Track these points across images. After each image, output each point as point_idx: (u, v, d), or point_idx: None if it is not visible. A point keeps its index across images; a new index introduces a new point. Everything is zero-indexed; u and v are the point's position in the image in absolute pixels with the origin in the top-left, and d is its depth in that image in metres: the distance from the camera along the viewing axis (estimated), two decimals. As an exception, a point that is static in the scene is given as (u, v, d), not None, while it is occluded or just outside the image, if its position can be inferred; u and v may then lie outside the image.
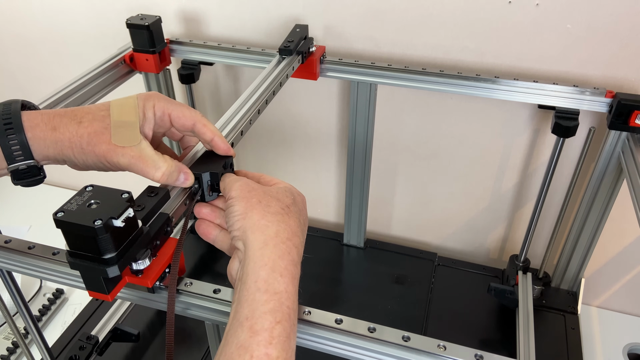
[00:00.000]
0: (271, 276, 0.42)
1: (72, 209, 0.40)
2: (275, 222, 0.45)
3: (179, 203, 0.51)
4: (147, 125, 0.50)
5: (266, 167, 1.20)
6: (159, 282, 0.48)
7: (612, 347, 0.97)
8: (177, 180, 0.50)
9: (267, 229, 0.44)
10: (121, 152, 0.47)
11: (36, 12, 1.11)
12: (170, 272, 0.47)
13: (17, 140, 0.46)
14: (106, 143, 0.47)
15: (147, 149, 0.49)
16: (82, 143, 0.47)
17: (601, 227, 0.92)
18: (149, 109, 0.50)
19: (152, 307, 0.51)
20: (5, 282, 0.62)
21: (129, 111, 0.49)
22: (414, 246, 1.16)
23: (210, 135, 0.53)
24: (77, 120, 0.47)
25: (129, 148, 0.47)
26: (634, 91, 0.83)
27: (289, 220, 0.46)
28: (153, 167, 0.48)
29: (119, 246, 0.40)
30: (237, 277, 0.45)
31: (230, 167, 0.55)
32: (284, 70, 0.81)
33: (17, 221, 1.25)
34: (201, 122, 0.52)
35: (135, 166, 0.48)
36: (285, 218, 0.46)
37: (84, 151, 0.47)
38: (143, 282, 0.45)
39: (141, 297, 0.51)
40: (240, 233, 0.45)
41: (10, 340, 0.97)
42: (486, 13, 0.84)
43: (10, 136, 0.46)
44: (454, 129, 0.98)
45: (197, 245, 1.16)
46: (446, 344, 0.45)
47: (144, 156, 0.48)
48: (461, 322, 0.99)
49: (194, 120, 0.52)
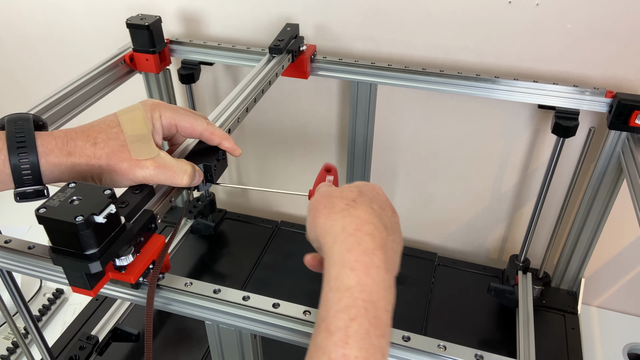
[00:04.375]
0: (341, 272, 0.39)
1: (54, 205, 0.40)
2: (341, 218, 0.43)
3: (164, 200, 0.51)
4: (157, 135, 0.51)
5: (266, 167, 1.20)
6: (142, 278, 0.48)
7: (612, 347, 0.97)
8: (194, 180, 0.52)
9: (333, 228, 0.43)
10: (144, 165, 0.48)
11: (36, 12, 1.11)
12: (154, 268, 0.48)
13: (29, 163, 0.45)
14: (127, 160, 0.47)
15: (167, 157, 0.50)
16: (101, 164, 0.47)
17: (601, 227, 0.92)
18: (156, 119, 0.51)
19: (136, 303, 0.51)
20: (5, 282, 0.62)
21: (140, 125, 0.50)
22: (414, 246, 1.16)
23: (218, 140, 0.55)
24: (92, 142, 0.47)
25: (150, 160, 0.48)
26: (634, 91, 0.83)
27: (357, 212, 0.44)
28: (181, 173, 0.50)
29: (101, 242, 0.41)
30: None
31: (223, 158, 0.57)
32: (274, 68, 0.81)
33: (17, 221, 1.26)
34: (208, 130, 0.54)
35: (161, 175, 0.49)
36: (352, 211, 0.43)
37: (104, 171, 0.47)
38: (126, 278, 0.45)
39: (125, 293, 0.51)
40: (316, 242, 0.45)
41: (10, 340, 0.97)
42: (486, 13, 0.84)
43: (23, 157, 0.45)
44: (454, 129, 0.98)
45: (197, 245, 1.16)
46: (446, 344, 0.45)
47: (167, 165, 0.49)
48: (461, 322, 0.99)
49: (201, 130, 0.54)
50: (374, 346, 0.36)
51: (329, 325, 0.37)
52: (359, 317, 0.37)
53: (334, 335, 0.36)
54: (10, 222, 1.26)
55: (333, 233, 0.42)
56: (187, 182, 0.50)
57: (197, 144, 0.57)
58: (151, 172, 0.48)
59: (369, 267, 0.40)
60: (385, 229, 0.43)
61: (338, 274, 0.39)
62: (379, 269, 0.40)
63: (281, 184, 1.21)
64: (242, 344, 0.52)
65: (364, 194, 0.46)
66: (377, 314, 0.38)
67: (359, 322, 0.37)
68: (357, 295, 0.38)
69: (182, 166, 0.50)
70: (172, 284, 0.50)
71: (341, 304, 0.38)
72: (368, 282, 0.39)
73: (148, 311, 0.46)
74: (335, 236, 0.42)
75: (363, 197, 0.45)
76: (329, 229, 0.43)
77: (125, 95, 0.84)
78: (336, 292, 0.39)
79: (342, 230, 0.42)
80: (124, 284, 0.48)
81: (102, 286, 0.45)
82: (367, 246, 0.41)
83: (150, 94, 1.04)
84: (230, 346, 0.53)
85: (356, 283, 0.39)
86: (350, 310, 0.37)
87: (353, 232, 0.42)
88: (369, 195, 0.46)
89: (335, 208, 0.44)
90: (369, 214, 0.43)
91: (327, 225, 0.43)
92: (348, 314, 0.37)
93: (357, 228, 0.42)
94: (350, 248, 0.41)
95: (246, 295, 0.49)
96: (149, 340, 0.46)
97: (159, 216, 0.50)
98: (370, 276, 0.39)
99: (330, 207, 0.44)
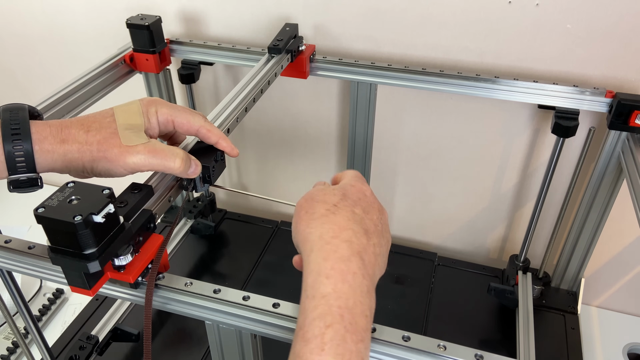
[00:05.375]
0: (317, 280, 0.40)
1: (53, 204, 0.40)
2: (319, 225, 0.43)
3: (163, 199, 0.51)
4: (152, 131, 0.51)
5: (266, 167, 1.20)
6: (141, 278, 0.48)
7: (612, 347, 0.97)
8: (190, 169, 0.51)
9: (311, 236, 0.43)
10: (134, 151, 0.48)
11: (36, 12, 1.11)
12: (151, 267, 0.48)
13: (23, 151, 0.45)
14: (117, 146, 0.47)
15: (157, 143, 0.49)
16: (92, 150, 0.47)
17: (601, 227, 0.92)
18: (152, 115, 0.51)
19: (135, 302, 0.51)
20: (5, 282, 0.62)
21: (134, 116, 0.50)
22: (414, 246, 1.16)
23: (215, 138, 0.55)
24: (85, 129, 0.48)
25: (141, 145, 0.48)
26: (634, 91, 0.83)
27: (336, 218, 0.43)
28: (172, 157, 0.49)
29: (100, 242, 0.41)
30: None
31: (221, 159, 0.56)
32: (273, 68, 0.81)
33: (17, 221, 1.26)
34: (205, 127, 0.53)
35: (152, 160, 0.48)
36: (331, 217, 0.43)
37: (95, 158, 0.47)
38: (125, 277, 0.45)
39: (124, 293, 0.51)
40: (298, 247, 0.45)
41: (10, 340, 0.97)
42: (486, 13, 0.84)
43: (17, 145, 0.45)
44: (454, 129, 0.98)
45: (197, 245, 1.16)
46: (446, 344, 0.45)
47: (158, 149, 0.49)
48: (461, 322, 0.99)
49: (197, 127, 0.53)
50: (351, 351, 0.37)
51: (305, 333, 0.37)
52: (335, 323, 0.37)
53: (310, 343, 0.36)
54: (10, 222, 1.27)
55: (310, 241, 0.43)
56: (180, 165, 0.50)
57: (196, 143, 0.57)
58: (142, 157, 0.48)
59: (345, 274, 0.40)
60: (365, 234, 0.43)
61: (314, 282, 0.40)
62: (356, 275, 0.40)
63: (281, 184, 1.21)
64: (242, 344, 0.52)
65: (347, 197, 0.46)
66: (353, 319, 0.38)
67: (335, 329, 0.37)
68: (333, 302, 0.38)
69: (173, 150, 0.50)
70: (172, 284, 0.50)
71: (316, 312, 0.38)
72: (344, 288, 0.39)
73: (147, 310, 0.46)
74: (312, 244, 0.42)
75: (345, 201, 0.45)
76: (307, 237, 0.43)
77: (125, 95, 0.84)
78: (312, 300, 0.39)
79: (319, 239, 0.42)
80: (123, 283, 0.48)
81: (100, 286, 0.45)
82: (344, 253, 0.41)
83: (150, 94, 1.04)
84: (230, 346, 0.53)
85: (332, 290, 0.39)
86: (325, 317, 0.37)
87: (330, 239, 0.42)
88: (352, 199, 0.46)
89: (315, 214, 0.44)
90: (348, 220, 0.44)
91: (305, 232, 0.43)
92: (324, 321, 0.37)
93: (334, 235, 0.42)
94: (327, 256, 0.41)
95: (246, 295, 0.49)
96: (147, 339, 0.46)
97: (158, 216, 0.50)
98: (347, 282, 0.39)
99: (311, 212, 0.44)
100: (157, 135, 0.52)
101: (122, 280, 0.46)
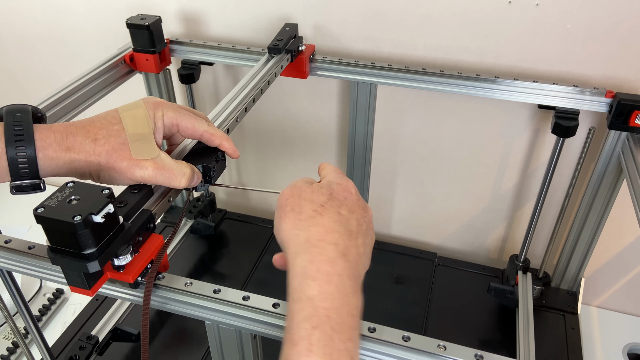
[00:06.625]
0: (302, 283, 0.40)
1: (53, 204, 0.40)
2: (306, 227, 0.43)
3: (163, 200, 0.51)
4: (158, 134, 0.51)
5: (266, 167, 1.20)
6: (140, 278, 0.48)
7: (612, 347, 0.97)
8: (192, 182, 0.51)
9: (297, 238, 0.43)
10: (143, 166, 0.48)
11: (36, 11, 1.11)
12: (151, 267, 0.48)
13: (27, 157, 0.45)
14: (127, 159, 0.47)
15: (166, 159, 0.49)
16: (100, 161, 0.47)
17: (601, 227, 0.92)
18: (158, 118, 0.51)
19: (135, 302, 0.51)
20: (5, 282, 0.62)
21: (142, 123, 0.49)
22: (414, 246, 1.16)
23: (218, 141, 0.55)
24: (92, 138, 0.47)
25: (150, 161, 0.48)
26: (634, 91, 0.83)
27: (322, 220, 0.44)
28: (179, 176, 0.50)
29: (100, 242, 0.41)
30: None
31: (222, 159, 0.57)
32: (273, 68, 0.81)
33: (17, 221, 1.26)
34: (208, 132, 0.54)
35: (160, 176, 0.48)
36: (318, 219, 0.44)
37: (102, 168, 0.47)
38: (124, 277, 0.45)
39: (124, 292, 0.51)
40: (281, 245, 0.45)
41: (10, 340, 0.97)
42: (486, 13, 0.84)
43: (20, 151, 0.45)
44: (454, 129, 0.98)
45: (197, 245, 1.16)
46: (446, 344, 0.45)
47: (167, 166, 0.49)
48: (461, 322, 0.99)
49: (201, 132, 0.53)
50: (339, 351, 0.37)
51: (292, 335, 0.37)
52: (321, 324, 0.37)
53: (297, 345, 0.37)
54: (10, 222, 1.27)
55: (296, 244, 0.43)
56: (185, 184, 0.50)
57: (197, 143, 0.57)
58: (150, 173, 0.48)
59: (331, 276, 0.40)
60: (349, 235, 0.44)
61: (300, 285, 0.40)
62: (341, 277, 0.40)
63: (281, 184, 1.21)
64: (242, 344, 0.52)
65: (334, 197, 0.46)
66: (341, 319, 0.38)
67: (322, 330, 0.37)
68: (319, 304, 0.38)
69: (182, 169, 0.50)
70: (172, 284, 0.50)
71: (303, 314, 0.38)
72: (330, 290, 0.39)
73: (145, 310, 0.46)
74: (298, 247, 0.42)
75: (332, 202, 0.45)
76: (293, 239, 0.43)
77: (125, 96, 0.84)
78: (298, 302, 0.39)
79: (306, 242, 0.42)
80: (123, 283, 0.48)
81: (100, 286, 0.45)
82: (329, 255, 0.41)
83: (150, 94, 1.04)
84: (230, 346, 0.53)
85: (318, 292, 0.39)
86: (312, 319, 0.38)
87: (316, 242, 0.42)
88: (339, 198, 0.46)
89: (302, 214, 0.44)
90: (334, 222, 0.44)
91: (292, 234, 0.43)
92: (310, 323, 0.37)
93: (321, 238, 0.42)
94: (312, 259, 0.41)
95: (246, 295, 0.49)
96: (145, 339, 0.45)
97: (157, 216, 0.50)
98: (333, 284, 0.40)
99: (298, 211, 0.44)
100: (162, 138, 0.52)
101: (122, 280, 0.46)
